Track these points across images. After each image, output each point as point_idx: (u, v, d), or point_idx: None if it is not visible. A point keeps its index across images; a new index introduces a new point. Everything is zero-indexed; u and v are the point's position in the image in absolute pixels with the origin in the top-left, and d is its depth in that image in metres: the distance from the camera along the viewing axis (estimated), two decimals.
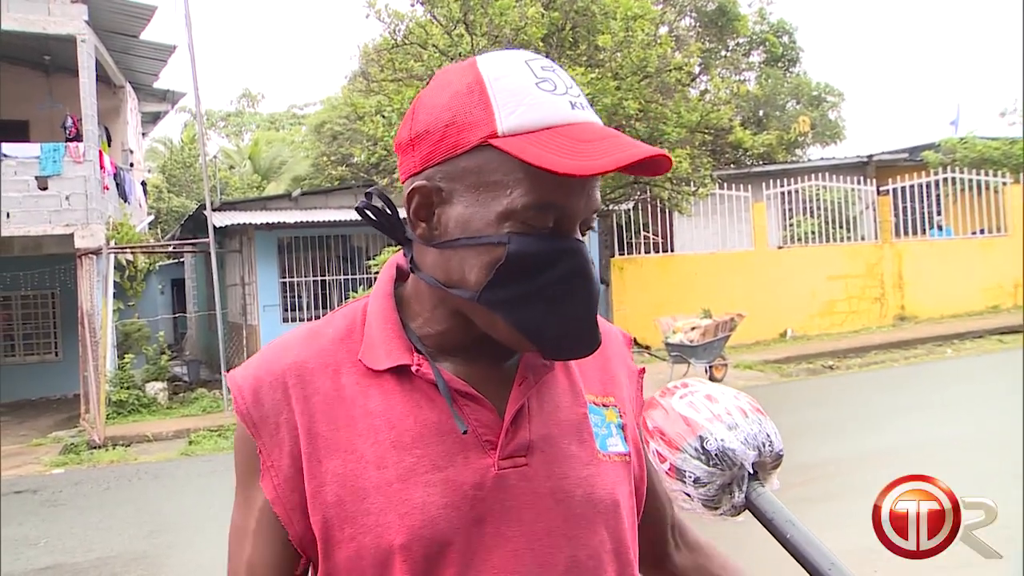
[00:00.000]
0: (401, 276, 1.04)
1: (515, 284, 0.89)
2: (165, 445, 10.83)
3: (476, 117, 0.88)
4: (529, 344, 0.92)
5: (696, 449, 0.83)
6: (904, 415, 8.97)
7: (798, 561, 0.80)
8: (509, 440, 0.94)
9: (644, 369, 1.14)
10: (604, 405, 1.03)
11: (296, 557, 0.97)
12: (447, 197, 0.92)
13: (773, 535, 0.82)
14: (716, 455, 0.82)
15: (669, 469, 0.84)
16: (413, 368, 0.95)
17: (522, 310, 0.90)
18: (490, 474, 0.93)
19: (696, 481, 0.83)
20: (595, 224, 0.96)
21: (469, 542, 0.92)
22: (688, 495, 0.84)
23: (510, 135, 0.87)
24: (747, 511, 0.85)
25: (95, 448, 10.75)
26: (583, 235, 0.93)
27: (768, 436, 0.84)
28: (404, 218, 0.99)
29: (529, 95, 0.88)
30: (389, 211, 1.01)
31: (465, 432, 0.93)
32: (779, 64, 23.00)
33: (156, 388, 13.42)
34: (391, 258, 1.07)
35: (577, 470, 0.97)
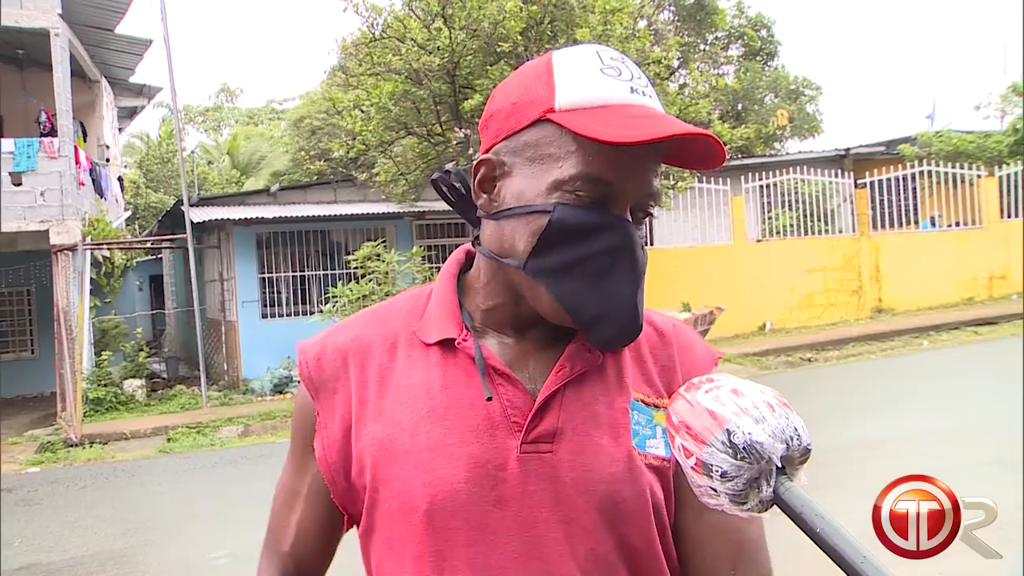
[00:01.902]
0: (467, 264, 1.09)
1: (557, 253, 0.92)
2: (143, 443, 10.76)
3: (539, 95, 0.94)
4: (569, 319, 0.94)
5: (723, 443, 0.82)
6: (882, 407, 9.05)
7: (829, 555, 0.79)
8: (535, 425, 0.96)
9: (717, 358, 1.12)
10: (656, 406, 1.02)
11: (339, 516, 1.06)
12: (508, 170, 0.97)
13: (802, 529, 0.81)
14: (744, 448, 0.81)
15: (695, 464, 0.84)
16: (457, 342, 0.99)
17: (564, 281, 0.92)
18: (513, 456, 0.95)
19: (723, 475, 0.82)
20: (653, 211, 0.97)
21: (490, 522, 0.94)
22: (715, 490, 0.83)
23: (566, 110, 0.92)
24: (775, 507, 0.84)
25: (72, 446, 10.66)
26: (639, 221, 0.96)
27: (796, 430, 0.83)
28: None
29: (591, 77, 0.93)
30: (464, 192, 1.05)
31: (489, 399, 0.96)
32: (757, 58, 23.09)
33: (134, 385, 13.32)
34: (462, 245, 1.11)
35: (604, 465, 0.96)
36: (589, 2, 11.91)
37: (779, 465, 0.82)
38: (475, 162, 0.99)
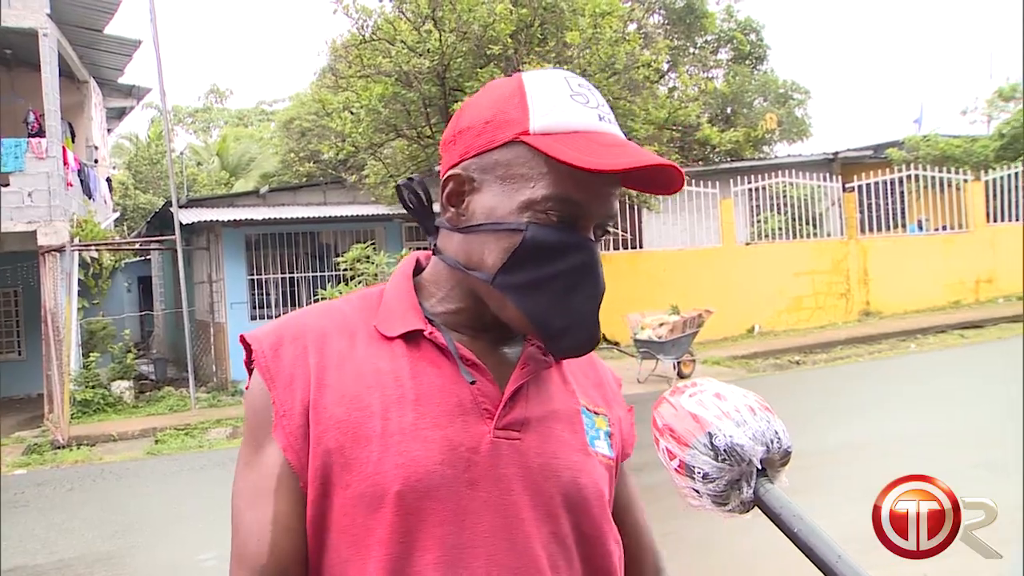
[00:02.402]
0: (418, 270, 1.12)
1: (527, 270, 0.96)
2: (131, 444, 10.71)
3: (512, 116, 0.98)
4: (534, 330, 0.99)
5: (705, 445, 0.85)
6: (869, 409, 9.09)
7: (806, 555, 0.81)
8: (506, 413, 1.00)
9: (632, 408, 1.20)
10: (595, 412, 1.10)
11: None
12: (478, 186, 1.00)
13: (781, 530, 0.83)
14: (725, 451, 0.84)
15: (679, 466, 0.86)
16: (426, 332, 1.02)
17: (531, 297, 0.97)
18: (486, 440, 0.98)
19: (705, 477, 0.85)
20: (610, 229, 1.04)
21: (461, 503, 0.96)
22: (697, 491, 0.86)
23: (540, 134, 0.96)
24: (756, 508, 0.85)
25: (59, 448, 10.60)
26: (598, 239, 1.01)
27: (776, 433, 0.86)
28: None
29: (562, 103, 0.97)
30: (425, 201, 1.08)
31: (473, 383, 0.99)
32: (746, 62, 23.15)
33: (122, 387, 13.26)
34: (411, 253, 1.15)
35: (567, 454, 1.02)
36: (579, 5, 11.93)
37: (759, 467, 0.84)
38: (444, 176, 1.01)
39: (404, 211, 1.04)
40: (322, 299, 11.62)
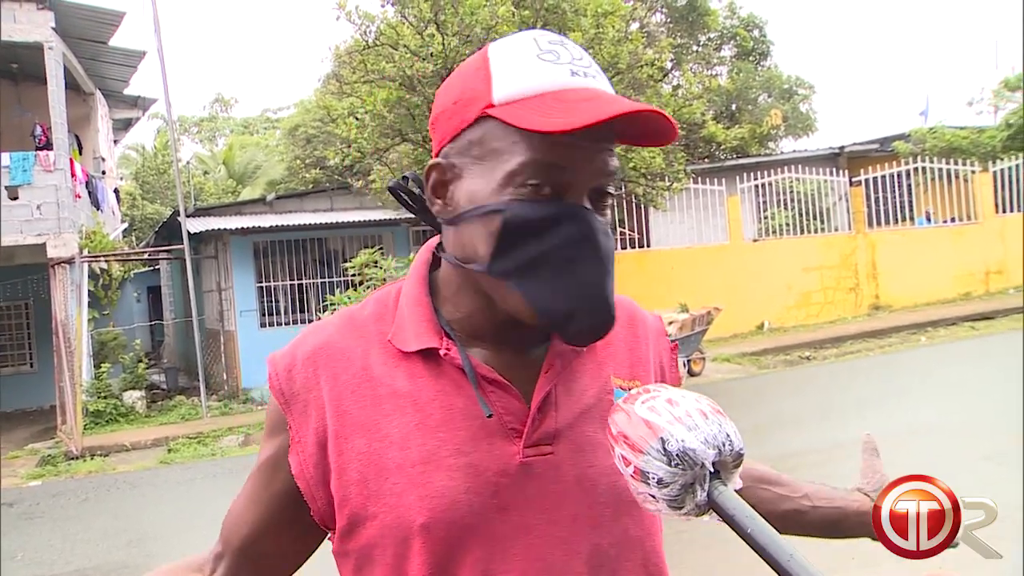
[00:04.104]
0: (436, 261, 1.03)
1: (518, 251, 0.89)
2: (144, 454, 10.75)
3: (476, 91, 0.91)
4: (542, 319, 0.90)
5: (658, 451, 0.85)
6: (881, 403, 9.06)
7: (759, 555, 0.82)
8: (535, 428, 0.95)
9: (676, 344, 1.16)
10: (631, 389, 1.02)
11: (299, 527, 1.01)
12: (459, 172, 0.93)
13: (735, 531, 0.84)
14: (677, 455, 0.84)
15: (634, 472, 0.87)
16: (441, 352, 0.95)
17: (530, 280, 0.89)
18: (515, 461, 0.93)
19: (659, 482, 0.85)
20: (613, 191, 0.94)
21: (492, 529, 0.92)
22: (653, 496, 0.86)
23: (504, 103, 0.89)
24: (712, 511, 0.86)
25: (72, 459, 10.65)
26: (600, 207, 0.92)
27: (728, 436, 0.86)
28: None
29: (527, 65, 0.90)
30: (423, 195, 1.00)
31: (490, 416, 0.93)
32: (750, 58, 23.13)
33: (134, 397, 13.31)
34: (428, 242, 1.06)
35: (603, 458, 0.95)
36: (581, 6, 11.94)
37: (712, 470, 0.85)
38: (427, 168, 0.96)
39: (411, 217, 0.97)
40: (331, 304, 11.68)
